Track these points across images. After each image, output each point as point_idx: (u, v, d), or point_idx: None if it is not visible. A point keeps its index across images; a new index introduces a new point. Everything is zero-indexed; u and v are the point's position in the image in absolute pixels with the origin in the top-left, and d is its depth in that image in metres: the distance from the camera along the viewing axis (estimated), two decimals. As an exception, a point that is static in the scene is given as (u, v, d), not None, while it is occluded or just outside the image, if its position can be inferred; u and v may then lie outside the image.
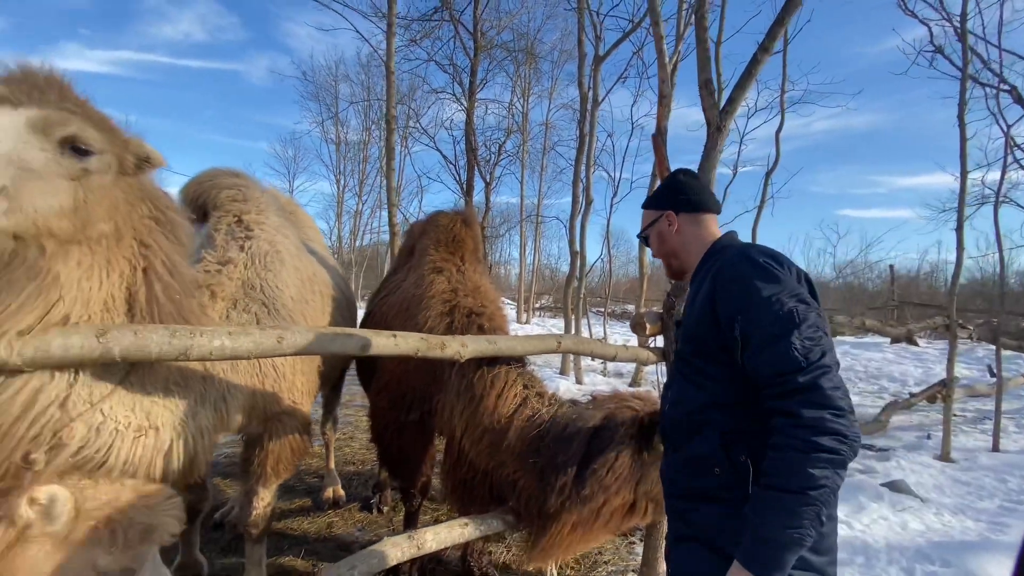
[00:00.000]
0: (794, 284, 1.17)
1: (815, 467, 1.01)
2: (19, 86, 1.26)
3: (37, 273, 1.21)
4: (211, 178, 2.28)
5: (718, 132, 2.38)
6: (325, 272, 2.68)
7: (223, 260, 1.92)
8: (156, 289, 1.41)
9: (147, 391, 1.48)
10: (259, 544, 2.29)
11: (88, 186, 1.26)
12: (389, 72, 7.58)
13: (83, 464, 1.33)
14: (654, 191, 1.58)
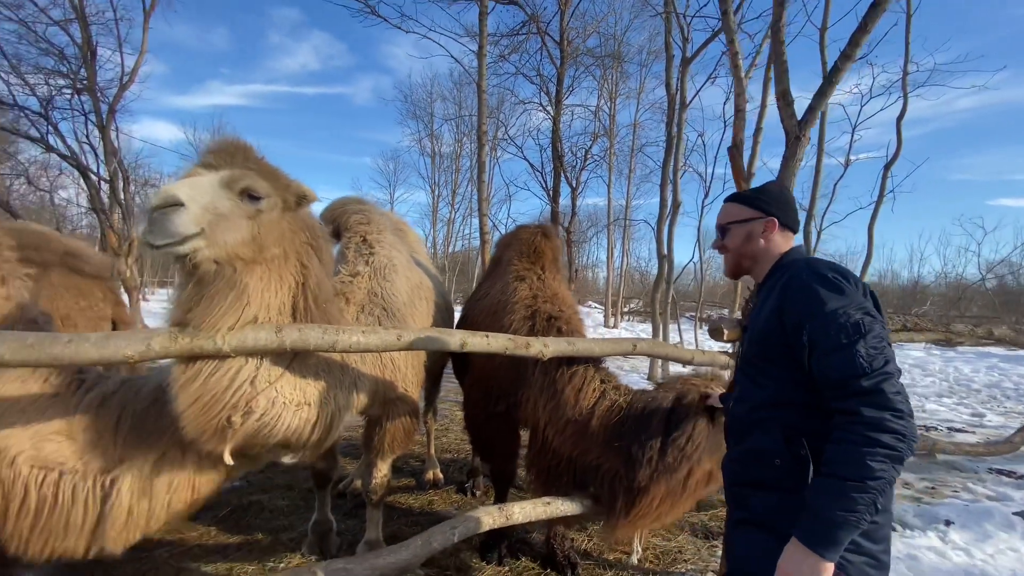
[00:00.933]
0: (860, 297, 1.28)
1: (874, 460, 1.13)
2: (219, 154, 1.78)
3: (233, 285, 1.69)
4: (343, 205, 2.80)
5: (796, 142, 2.42)
6: (429, 280, 3.10)
7: (353, 273, 2.39)
8: (310, 299, 1.86)
9: (304, 376, 1.93)
10: (377, 509, 2.74)
11: (260, 221, 1.72)
12: (480, 91, 8.12)
13: (261, 428, 1.79)
14: (758, 191, 1.60)
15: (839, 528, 1.15)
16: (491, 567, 2.84)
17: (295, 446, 1.95)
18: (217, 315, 1.66)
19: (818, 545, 1.16)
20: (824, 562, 1.16)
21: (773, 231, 1.53)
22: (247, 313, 1.72)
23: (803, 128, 2.40)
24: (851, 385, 1.19)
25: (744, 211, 1.57)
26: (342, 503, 3.54)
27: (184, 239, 1.55)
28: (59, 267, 2.40)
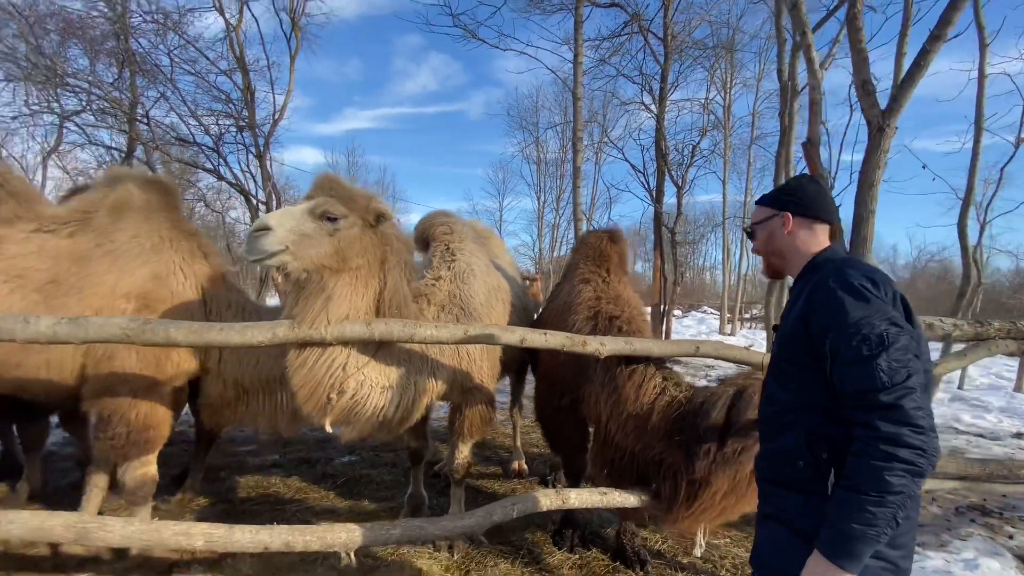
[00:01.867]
0: (886, 307, 1.23)
1: (893, 475, 1.11)
2: (315, 187, 2.26)
3: (323, 289, 2.12)
4: (431, 219, 3.20)
5: (880, 133, 2.27)
6: (507, 284, 3.37)
7: (436, 277, 2.75)
8: (390, 301, 2.25)
9: (387, 363, 2.32)
10: (459, 487, 3.07)
11: (340, 238, 2.15)
12: (576, 99, 8.31)
13: (354, 406, 2.19)
14: (778, 189, 1.62)
15: (858, 541, 1.14)
16: (561, 552, 3.01)
17: (385, 422, 2.33)
18: (312, 312, 2.11)
19: (839, 558, 1.16)
20: (845, 574, 1.16)
21: (790, 225, 1.50)
22: (338, 311, 2.15)
23: (888, 118, 2.24)
24: (870, 399, 1.17)
25: (763, 211, 1.58)
26: (436, 482, 3.95)
27: (271, 255, 2.04)
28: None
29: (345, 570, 2.66)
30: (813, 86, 2.50)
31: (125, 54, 9.68)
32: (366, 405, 2.24)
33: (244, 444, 4.79)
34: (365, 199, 2.27)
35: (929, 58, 2.16)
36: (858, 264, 1.37)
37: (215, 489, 3.75)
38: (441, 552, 2.90)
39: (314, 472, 4.14)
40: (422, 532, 2.16)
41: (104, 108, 10.09)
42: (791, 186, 1.59)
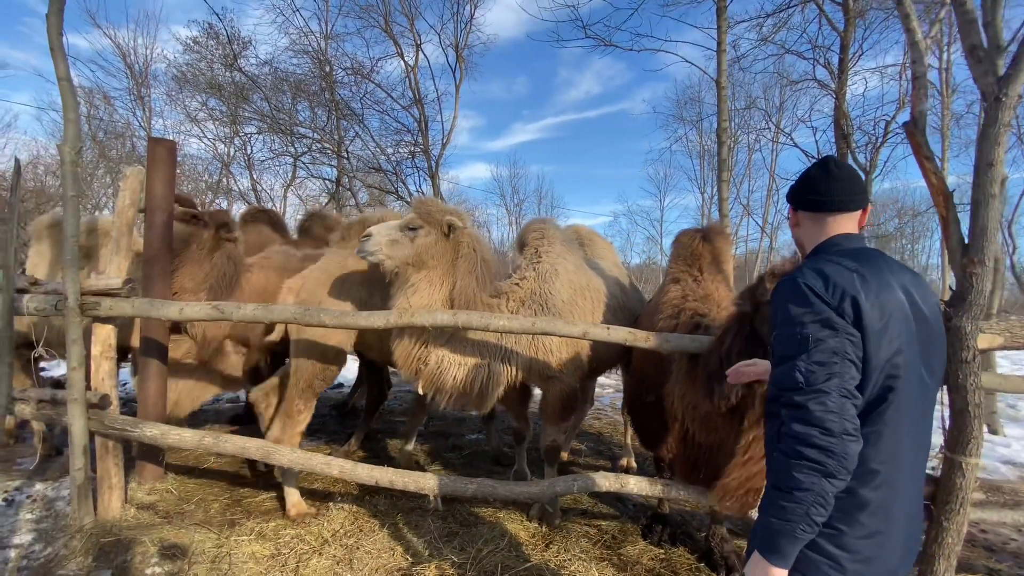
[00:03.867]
0: (825, 309, 1.22)
1: (800, 472, 1.14)
2: (412, 207, 2.91)
3: (407, 282, 2.78)
4: (528, 225, 3.60)
5: (997, 103, 1.93)
6: (601, 283, 3.56)
7: (521, 277, 3.13)
8: (460, 295, 2.79)
9: (463, 345, 2.86)
10: (551, 467, 3.40)
11: (418, 244, 2.78)
12: (720, 88, 7.86)
13: (438, 375, 2.75)
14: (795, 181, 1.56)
15: (778, 535, 1.18)
16: (644, 544, 3.11)
17: (466, 393, 2.84)
18: (401, 299, 2.79)
19: (765, 551, 1.21)
20: (772, 568, 1.20)
21: (794, 218, 1.53)
22: (418, 300, 2.78)
23: (1005, 85, 1.91)
24: (785, 397, 1.21)
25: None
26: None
27: (371, 253, 2.77)
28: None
29: (449, 519, 3.22)
30: (915, 59, 2.20)
31: (332, 104, 12.19)
32: (445, 377, 2.82)
33: (399, 416, 5.81)
34: (440, 214, 2.82)
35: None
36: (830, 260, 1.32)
37: (371, 447, 4.71)
38: (532, 522, 3.27)
39: (446, 443, 4.87)
40: (493, 490, 2.57)
41: (322, 148, 12.88)
42: (801, 177, 1.53)
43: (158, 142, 3.53)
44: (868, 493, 1.25)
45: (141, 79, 16.09)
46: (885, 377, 1.24)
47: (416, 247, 2.78)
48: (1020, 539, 3.38)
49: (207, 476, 3.88)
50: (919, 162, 2.22)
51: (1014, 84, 1.90)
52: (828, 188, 1.44)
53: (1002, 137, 1.97)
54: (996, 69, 1.96)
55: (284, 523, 3.14)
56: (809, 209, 1.48)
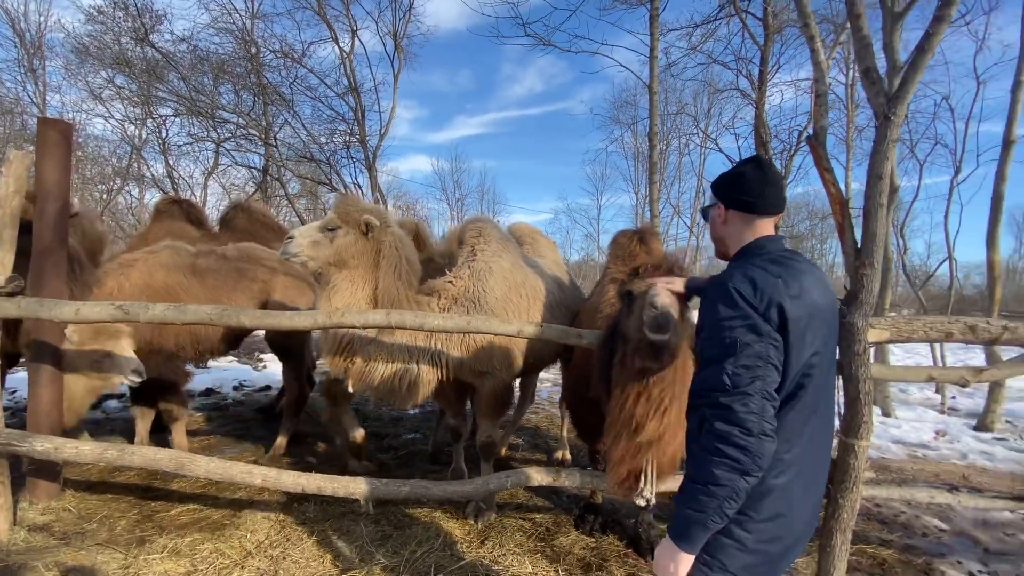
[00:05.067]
0: (752, 314, 1.27)
1: (719, 468, 1.21)
2: (332, 206, 2.86)
3: (329, 283, 2.74)
4: (466, 223, 3.58)
5: (887, 121, 2.15)
6: (539, 281, 3.60)
7: (455, 275, 3.12)
8: (383, 295, 2.76)
9: (390, 344, 2.83)
10: (487, 463, 3.40)
11: (337, 244, 2.74)
12: (652, 93, 8.17)
13: (365, 373, 2.72)
14: (721, 175, 1.58)
15: (691, 525, 1.27)
16: (577, 534, 3.20)
17: (394, 391, 2.82)
18: (324, 299, 2.74)
19: (676, 538, 1.30)
20: (681, 553, 1.29)
21: (724, 216, 1.54)
22: (341, 301, 2.74)
23: (894, 106, 2.12)
24: (711, 397, 1.27)
25: (711, 197, 1.62)
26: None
27: (294, 255, 2.70)
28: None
29: (382, 522, 3.16)
30: (817, 78, 2.40)
31: (259, 88, 11.47)
32: (373, 374, 2.80)
33: (331, 418, 5.60)
34: (358, 212, 2.80)
35: (934, 42, 1.99)
36: (758, 265, 1.37)
37: (300, 451, 4.51)
38: (467, 519, 3.27)
39: (381, 444, 4.76)
40: (427, 491, 2.54)
41: (248, 135, 12.08)
42: (732, 175, 1.55)
43: (50, 124, 3.17)
44: (773, 481, 1.35)
45: (33, 49, 14.37)
46: (800, 376, 1.34)
47: (335, 247, 2.75)
48: (909, 512, 3.81)
49: (113, 491, 3.56)
50: (820, 173, 2.42)
51: (901, 104, 2.11)
52: (763, 191, 1.48)
53: (890, 152, 2.19)
54: (886, 90, 2.17)
55: (201, 537, 2.94)
56: (742, 210, 1.50)
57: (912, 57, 2.06)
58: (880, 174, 2.22)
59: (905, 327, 2.49)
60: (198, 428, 5.13)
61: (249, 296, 4.08)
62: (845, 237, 2.42)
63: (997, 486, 2.69)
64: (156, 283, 3.65)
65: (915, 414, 6.89)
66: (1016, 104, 5.68)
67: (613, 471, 2.17)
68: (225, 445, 4.65)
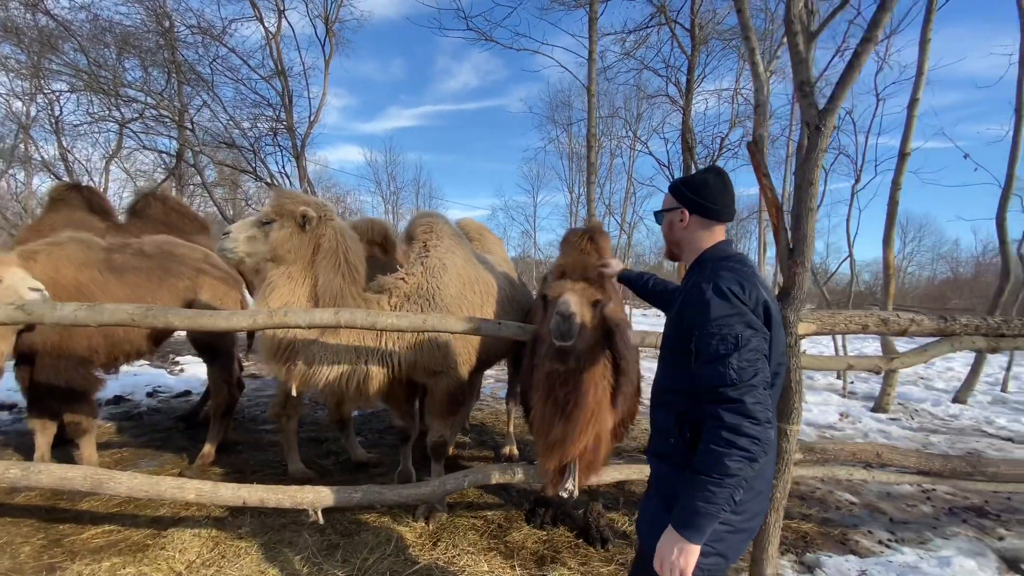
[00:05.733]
0: (746, 311, 1.36)
1: (732, 460, 1.27)
2: (268, 200, 2.72)
3: (266, 279, 2.61)
4: (416, 218, 3.47)
5: (817, 132, 2.34)
6: (491, 277, 3.58)
7: (407, 271, 3.02)
8: (323, 291, 2.64)
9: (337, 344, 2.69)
10: (438, 463, 3.34)
11: (272, 238, 2.61)
12: (590, 95, 8.37)
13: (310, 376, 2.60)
14: (682, 180, 1.64)
15: (701, 517, 1.31)
16: (529, 528, 3.23)
17: (341, 392, 2.69)
18: (262, 297, 2.60)
19: (685, 530, 1.33)
20: (690, 544, 1.32)
21: (686, 220, 1.60)
22: (279, 299, 2.60)
23: (824, 118, 2.31)
24: (719, 392, 1.31)
25: (669, 200, 1.66)
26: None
27: (231, 251, 2.56)
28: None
29: (328, 531, 3.00)
30: (758, 88, 2.58)
31: (172, 65, 10.48)
32: (317, 377, 2.67)
33: (262, 424, 5.26)
34: (294, 205, 2.67)
35: (861, 60, 2.22)
36: (733, 268, 1.46)
37: (231, 460, 4.19)
38: (418, 521, 3.19)
39: (320, 449, 4.54)
40: (380, 496, 2.45)
41: (158, 116, 10.99)
42: (695, 181, 1.62)
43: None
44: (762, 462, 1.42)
45: None
46: (776, 365, 1.46)
47: (270, 242, 2.61)
48: (823, 487, 4.20)
49: (11, 514, 3.12)
50: (758, 178, 2.59)
51: (830, 116, 2.30)
52: (725, 200, 1.60)
53: (820, 160, 2.38)
54: (817, 103, 2.35)
55: (122, 561, 2.65)
56: (704, 215, 1.59)
57: (842, 74, 2.25)
58: (811, 180, 2.41)
59: (829, 320, 2.73)
60: (108, 440, 4.62)
61: (175, 295, 3.73)
62: (779, 238, 2.60)
63: (905, 462, 3.03)
64: (64, 279, 3.22)
65: (821, 398, 7.62)
66: (912, 119, 6.42)
67: (539, 467, 2.29)
68: (141, 458, 4.22)
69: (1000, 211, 7.51)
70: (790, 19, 2.34)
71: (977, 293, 19.53)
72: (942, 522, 3.72)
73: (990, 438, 6.17)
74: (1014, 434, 6.40)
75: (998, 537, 3.55)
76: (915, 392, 8.52)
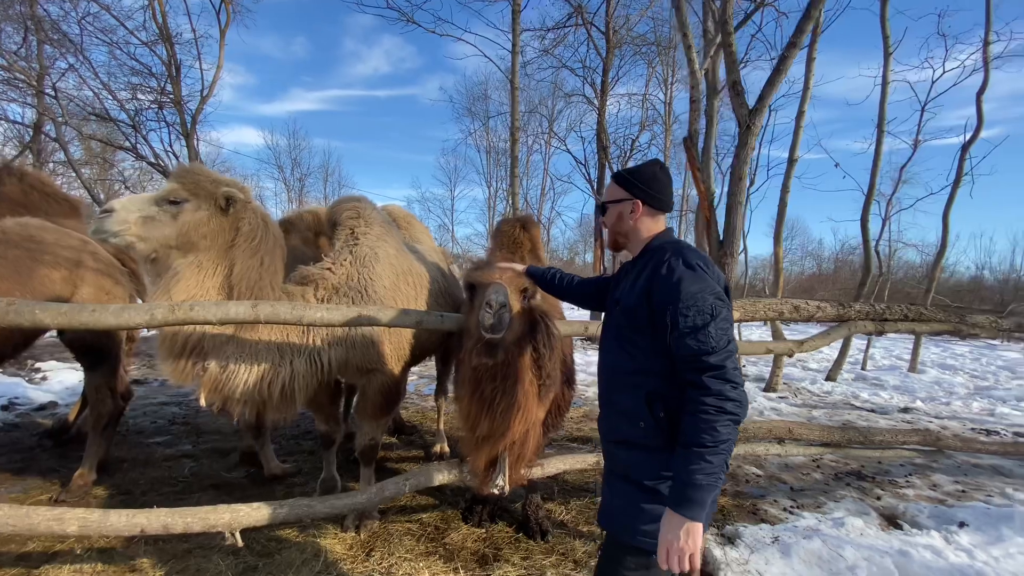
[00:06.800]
0: (715, 284, 1.42)
1: (723, 425, 1.29)
2: (172, 176, 2.36)
3: (169, 269, 2.24)
4: (340, 203, 3.18)
5: (748, 131, 2.48)
6: (422, 268, 3.40)
7: (335, 261, 2.75)
8: (239, 284, 2.33)
9: (255, 342, 2.38)
10: (368, 467, 3.12)
11: (184, 221, 2.26)
12: (513, 88, 8.36)
13: (220, 383, 2.27)
14: (630, 172, 1.66)
15: (703, 490, 1.29)
16: (467, 527, 3.13)
17: (264, 400, 2.37)
18: (160, 291, 2.22)
19: (687, 508, 1.30)
20: (694, 523, 1.30)
21: (639, 212, 1.63)
22: (184, 292, 2.24)
23: (754, 117, 2.45)
24: (701, 361, 1.34)
25: (618, 192, 1.66)
26: (354, 467, 3.97)
27: (113, 234, 2.16)
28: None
29: (243, 552, 2.67)
30: (693, 85, 2.69)
31: (29, 19, 8.86)
32: (234, 383, 2.31)
33: (153, 436, 4.61)
34: (214, 184, 2.34)
35: (787, 63, 2.39)
36: (692, 249, 1.53)
37: (116, 481, 3.62)
38: (348, 532, 2.95)
39: (227, 461, 4.07)
40: (309, 510, 2.20)
41: (10, 79, 9.23)
42: (645, 174, 1.65)
43: None
44: None
45: None
46: None
47: (181, 225, 2.24)
48: (733, 463, 4.55)
49: None
50: (692, 171, 2.70)
51: (759, 116, 2.44)
52: (670, 192, 1.67)
53: (748, 157, 2.52)
54: (748, 103, 2.48)
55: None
56: (654, 206, 1.64)
57: (770, 75, 2.38)
58: (740, 175, 2.56)
59: (750, 308, 2.92)
60: (-55, 466, 3.78)
61: (48, 289, 3.09)
62: (711, 231, 2.74)
63: (811, 436, 3.35)
64: None
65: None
66: (799, 129, 7.15)
67: (469, 463, 2.23)
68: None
69: (864, 213, 8.65)
70: (725, 19, 2.43)
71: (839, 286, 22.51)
72: (831, 487, 4.18)
73: (858, 410, 7.11)
74: (875, 406, 7.44)
75: (876, 497, 4.06)
76: (796, 372, 9.60)
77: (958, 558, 3.12)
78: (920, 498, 4.10)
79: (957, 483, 4.47)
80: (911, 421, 6.55)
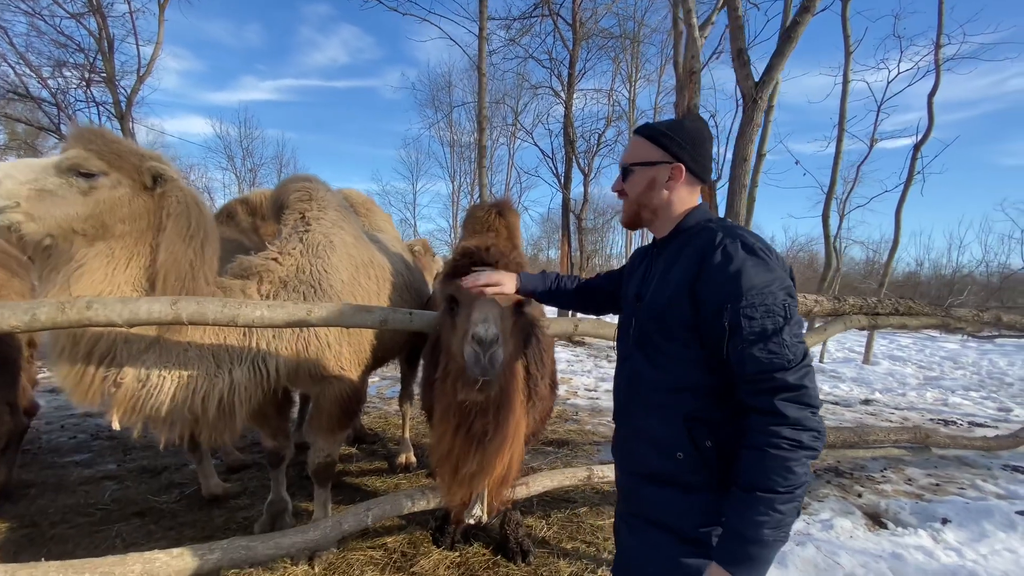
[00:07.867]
0: (784, 276, 1.11)
1: (799, 464, 1.01)
2: (72, 139, 1.82)
3: (70, 260, 1.75)
4: (287, 183, 2.74)
5: (754, 104, 2.24)
6: (385, 259, 3.01)
7: (282, 250, 2.32)
8: (165, 277, 1.88)
9: (182, 350, 1.94)
10: (323, 488, 2.71)
11: (99, 199, 1.77)
12: (481, 74, 7.98)
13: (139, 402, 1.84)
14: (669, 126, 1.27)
15: (770, 548, 1.01)
16: (439, 551, 2.77)
17: (199, 419, 1.92)
18: (54, 288, 1.73)
19: (748, 570, 1.02)
20: None
21: (680, 180, 1.26)
22: (90, 287, 1.77)
23: (760, 90, 2.21)
24: (774, 378, 1.03)
25: (651, 151, 1.27)
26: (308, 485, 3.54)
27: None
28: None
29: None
30: (693, 55, 2.43)
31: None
32: (156, 399, 1.84)
33: (70, 454, 4.00)
34: (137, 157, 1.86)
35: (799, 30, 2.16)
36: (747, 231, 1.19)
37: (21, 511, 3.05)
38: (299, 565, 2.55)
39: (158, 481, 3.54)
40: (249, 553, 1.79)
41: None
42: (689, 131, 1.28)
43: None
44: None
45: None
46: None
47: (95, 205, 1.74)
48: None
49: None
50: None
51: (766, 88, 2.19)
52: (711, 156, 1.32)
53: (754, 135, 2.28)
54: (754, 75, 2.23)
55: None
56: (697, 175, 1.29)
57: (778, 44, 2.14)
58: (744, 156, 2.31)
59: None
60: None
61: None
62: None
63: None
64: None
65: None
66: (768, 124, 7.13)
67: (444, 496, 1.90)
68: None
69: (825, 209, 8.79)
70: (731, -20, 2.17)
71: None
72: (812, 485, 4.08)
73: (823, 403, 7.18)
74: (838, 399, 7.55)
75: (857, 494, 3.98)
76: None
77: (949, 558, 3.04)
78: (899, 493, 4.06)
79: (930, 476, 4.47)
80: (874, 413, 6.66)
